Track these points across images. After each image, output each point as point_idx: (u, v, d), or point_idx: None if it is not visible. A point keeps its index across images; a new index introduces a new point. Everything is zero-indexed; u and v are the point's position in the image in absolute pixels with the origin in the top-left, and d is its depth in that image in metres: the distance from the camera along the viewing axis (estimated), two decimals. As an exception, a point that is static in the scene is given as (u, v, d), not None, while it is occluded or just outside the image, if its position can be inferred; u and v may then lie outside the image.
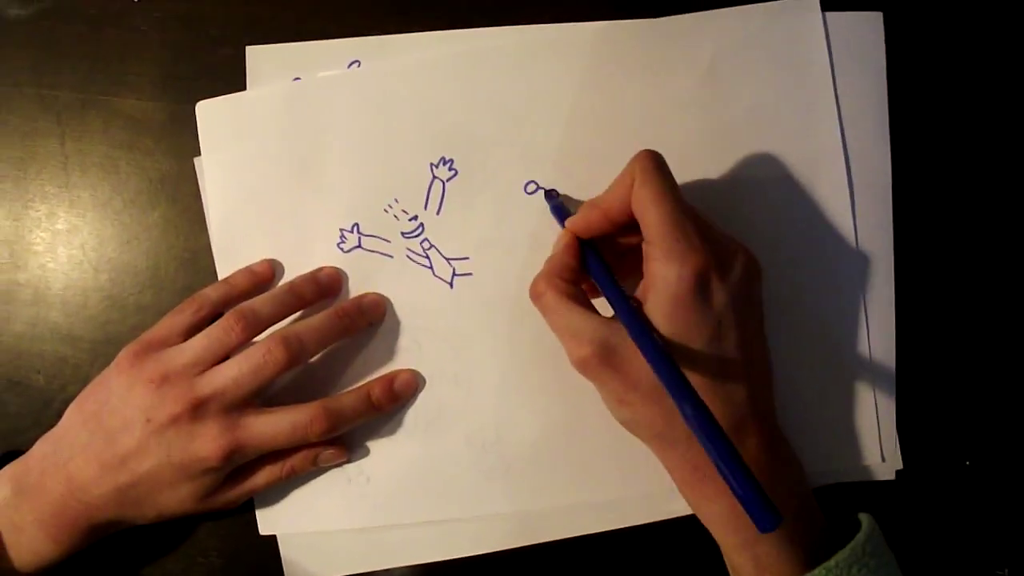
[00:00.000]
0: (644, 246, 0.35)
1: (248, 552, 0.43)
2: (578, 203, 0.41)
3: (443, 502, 0.42)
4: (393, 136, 0.42)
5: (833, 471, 0.42)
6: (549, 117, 0.42)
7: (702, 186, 0.41)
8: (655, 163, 0.35)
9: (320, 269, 0.42)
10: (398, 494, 0.42)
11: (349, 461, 0.42)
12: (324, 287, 0.42)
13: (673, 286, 0.34)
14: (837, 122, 0.42)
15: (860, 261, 0.42)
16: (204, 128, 0.43)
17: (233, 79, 0.43)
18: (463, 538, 0.42)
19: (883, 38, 0.42)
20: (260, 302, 0.40)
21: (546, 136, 0.42)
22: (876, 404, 0.42)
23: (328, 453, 0.41)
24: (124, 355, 0.39)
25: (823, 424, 0.42)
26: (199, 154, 0.43)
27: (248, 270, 0.42)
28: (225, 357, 0.39)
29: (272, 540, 0.43)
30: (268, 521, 0.43)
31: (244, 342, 0.39)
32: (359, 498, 0.42)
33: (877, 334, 0.42)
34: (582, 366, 0.35)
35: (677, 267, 0.33)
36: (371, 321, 0.42)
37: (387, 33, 0.43)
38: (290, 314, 0.41)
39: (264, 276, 0.42)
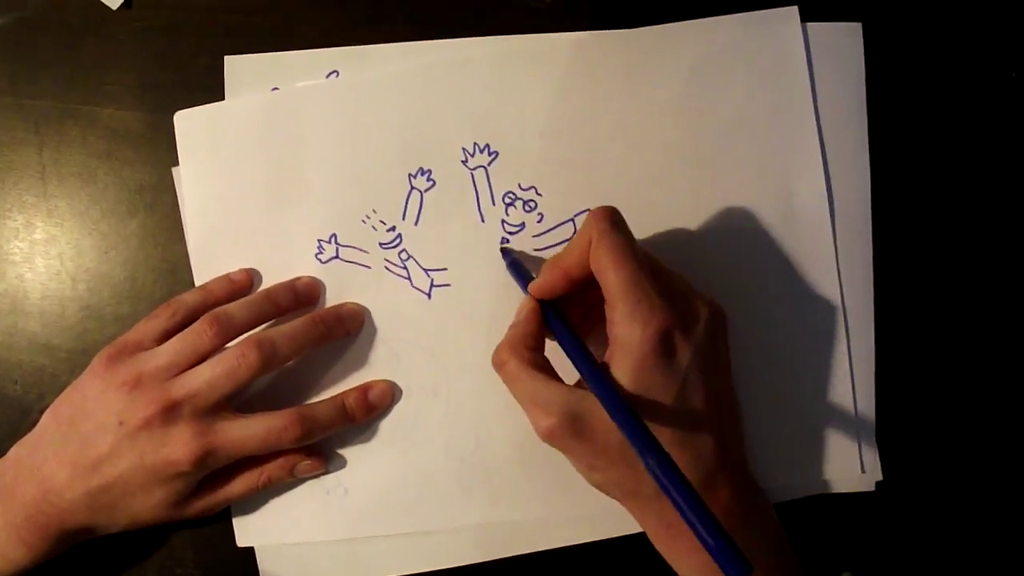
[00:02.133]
0: (606, 308, 0.35)
1: (226, 563, 0.43)
2: (534, 260, 0.41)
3: (421, 514, 0.42)
4: (371, 146, 0.42)
5: (813, 483, 0.42)
6: (527, 128, 0.42)
7: (680, 196, 0.41)
8: (611, 221, 0.34)
9: (298, 278, 0.42)
10: (376, 506, 0.42)
11: (327, 472, 0.42)
12: (301, 295, 0.42)
13: (636, 348, 0.33)
14: (816, 132, 0.42)
15: (839, 272, 0.42)
16: (182, 138, 0.43)
17: (212, 89, 0.43)
18: (442, 550, 0.42)
19: (862, 49, 0.42)
20: (235, 307, 0.40)
21: (524, 147, 0.42)
22: (856, 416, 0.42)
23: (305, 464, 0.41)
24: (98, 359, 0.39)
25: (802, 436, 0.41)
26: (178, 164, 0.43)
27: (226, 278, 0.42)
28: (200, 361, 0.39)
29: (250, 551, 0.43)
30: (245, 532, 0.43)
31: (218, 347, 0.39)
32: (337, 510, 0.42)
33: (856, 344, 0.42)
34: (549, 436, 0.35)
35: (640, 329, 0.33)
36: (348, 331, 0.42)
37: (366, 43, 0.43)
38: (265, 321, 0.41)
39: (242, 284, 0.42)
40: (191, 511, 0.40)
